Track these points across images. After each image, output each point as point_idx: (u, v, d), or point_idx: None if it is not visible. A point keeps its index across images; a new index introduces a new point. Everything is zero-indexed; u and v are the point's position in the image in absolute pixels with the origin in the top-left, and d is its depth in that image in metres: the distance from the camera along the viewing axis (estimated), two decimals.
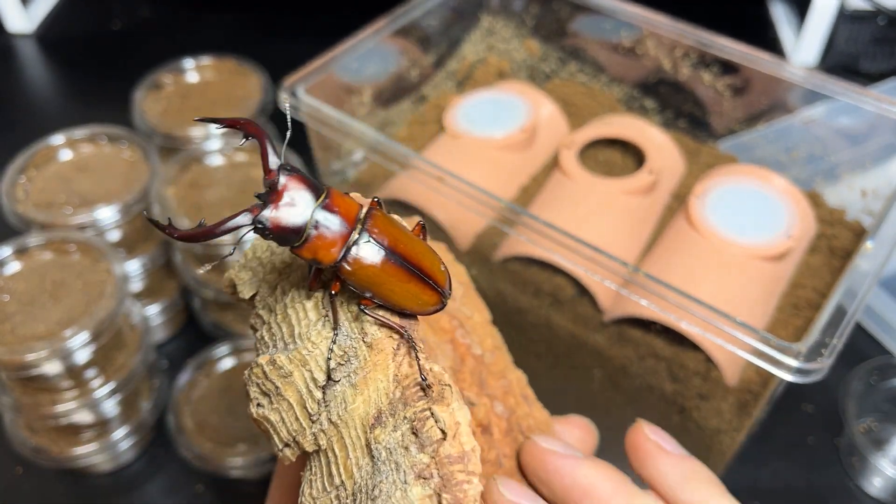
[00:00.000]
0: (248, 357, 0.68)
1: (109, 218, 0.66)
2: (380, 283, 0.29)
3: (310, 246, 0.28)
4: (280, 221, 0.27)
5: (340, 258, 0.28)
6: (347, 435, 0.30)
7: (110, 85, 1.02)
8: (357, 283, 0.29)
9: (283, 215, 0.27)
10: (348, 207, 0.29)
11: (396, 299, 0.29)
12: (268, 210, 0.27)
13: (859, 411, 0.63)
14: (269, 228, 0.27)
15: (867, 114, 0.60)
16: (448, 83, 0.75)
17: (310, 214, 0.27)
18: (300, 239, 0.28)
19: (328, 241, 0.28)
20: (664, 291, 0.45)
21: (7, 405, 0.60)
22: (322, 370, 0.30)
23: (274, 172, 0.27)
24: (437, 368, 0.30)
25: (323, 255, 0.28)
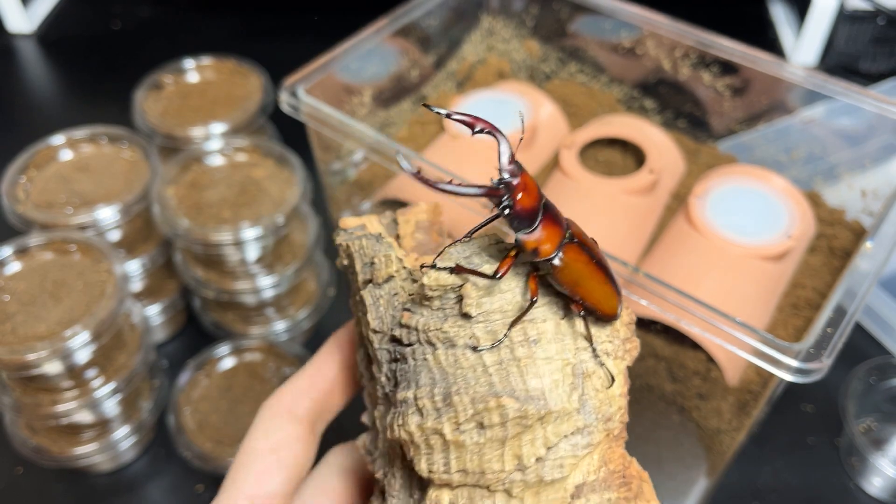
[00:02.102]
0: (249, 357, 0.68)
1: (110, 218, 0.66)
2: (585, 279, 0.31)
3: (538, 234, 0.30)
4: (526, 202, 0.29)
5: (555, 253, 0.30)
6: (547, 498, 0.31)
7: (110, 85, 1.02)
8: (567, 278, 0.31)
9: (525, 203, 0.29)
10: (559, 212, 0.31)
11: (597, 297, 0.31)
12: (512, 195, 0.29)
13: (859, 411, 0.63)
14: (517, 204, 0.29)
15: (867, 114, 0.60)
16: (448, 83, 0.75)
17: (540, 208, 0.30)
18: (533, 226, 0.29)
19: (551, 233, 0.30)
20: (664, 291, 0.45)
21: (7, 405, 0.60)
22: (558, 435, 0.31)
23: (510, 168, 0.30)
24: (637, 465, 0.32)
25: (545, 245, 0.30)
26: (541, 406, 0.30)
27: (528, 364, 0.31)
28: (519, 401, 0.30)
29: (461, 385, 0.31)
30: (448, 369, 0.32)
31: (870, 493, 0.62)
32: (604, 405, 0.32)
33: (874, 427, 0.63)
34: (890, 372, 0.66)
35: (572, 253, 0.31)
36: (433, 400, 0.32)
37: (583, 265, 0.31)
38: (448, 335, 0.32)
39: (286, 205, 0.66)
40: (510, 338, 0.32)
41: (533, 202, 0.30)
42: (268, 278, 0.68)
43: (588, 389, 0.32)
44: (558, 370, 0.31)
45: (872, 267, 0.47)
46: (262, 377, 0.67)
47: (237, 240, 0.64)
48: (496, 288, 0.32)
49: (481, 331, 0.32)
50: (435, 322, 0.33)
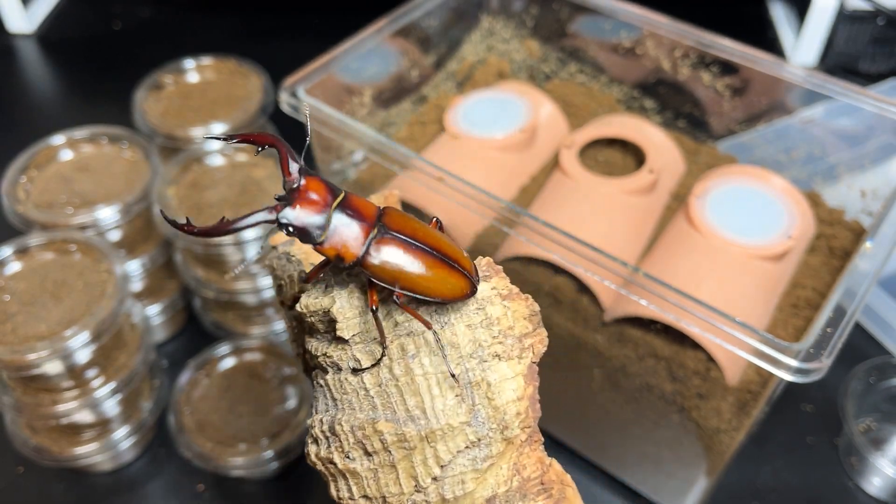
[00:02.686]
0: (249, 357, 0.68)
1: (110, 218, 0.66)
2: (408, 270, 0.29)
3: (333, 242, 0.29)
4: (303, 218, 0.28)
5: (363, 252, 0.29)
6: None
7: (111, 85, 1.02)
8: (385, 275, 0.29)
9: (305, 212, 0.28)
10: (366, 206, 0.30)
11: (427, 284, 0.30)
12: (290, 208, 0.28)
13: (858, 411, 0.63)
14: (293, 224, 0.28)
15: (866, 114, 0.60)
16: (448, 84, 0.75)
17: (330, 212, 0.29)
18: (322, 235, 0.29)
19: (350, 236, 0.29)
20: (664, 291, 0.45)
21: (8, 405, 0.60)
22: (451, 452, 0.30)
23: (294, 175, 0.29)
24: (558, 466, 0.31)
25: (345, 250, 0.29)
26: (421, 426, 0.29)
27: (406, 383, 0.30)
28: (398, 423, 0.29)
29: (346, 411, 0.31)
30: (336, 395, 0.31)
31: (869, 493, 0.62)
32: (498, 413, 0.30)
33: (873, 427, 0.63)
34: (889, 372, 0.66)
35: (384, 247, 0.29)
36: (322, 429, 0.31)
37: (399, 258, 0.30)
38: (332, 359, 0.31)
39: None
40: (389, 356, 0.30)
41: (317, 208, 0.28)
42: (268, 278, 0.68)
43: (479, 399, 0.30)
44: (438, 384, 0.30)
45: (872, 267, 0.47)
46: (262, 377, 0.67)
47: (237, 240, 0.64)
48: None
49: (361, 352, 0.31)
50: (321, 346, 0.32)
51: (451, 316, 0.31)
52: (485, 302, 0.31)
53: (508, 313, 0.31)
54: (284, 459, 0.62)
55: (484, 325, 0.31)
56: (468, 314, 0.31)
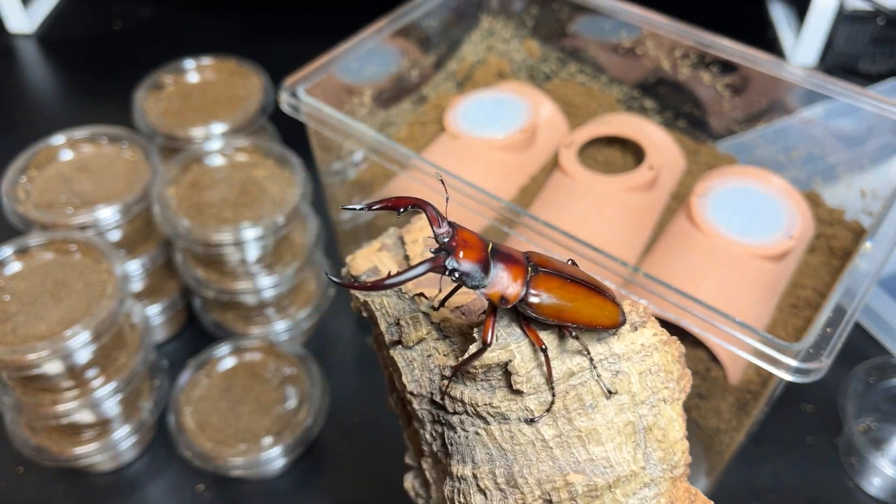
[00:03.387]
0: (249, 357, 0.68)
1: (110, 218, 0.66)
2: (569, 302, 0.31)
3: (496, 284, 0.30)
4: (469, 262, 0.30)
5: (525, 291, 0.30)
6: None
7: (111, 85, 1.02)
8: (548, 310, 0.30)
9: (468, 260, 0.30)
10: (512, 250, 0.31)
11: (589, 313, 0.31)
12: (454, 258, 0.30)
13: (858, 411, 0.63)
14: (460, 269, 0.29)
15: (866, 114, 0.60)
16: (448, 84, 0.75)
17: (488, 256, 0.30)
18: (486, 278, 0.30)
19: (510, 277, 0.30)
20: (664, 291, 0.45)
21: (8, 405, 0.60)
22: (628, 495, 0.31)
23: (445, 229, 0.30)
24: (702, 495, 0.32)
25: (510, 290, 0.30)
26: (608, 475, 0.30)
27: (590, 433, 0.31)
28: (585, 474, 0.30)
29: (523, 464, 0.31)
30: (505, 445, 0.31)
31: (869, 493, 0.62)
32: (668, 455, 0.31)
33: (873, 427, 0.64)
34: (889, 372, 0.66)
35: (542, 284, 0.31)
36: (496, 481, 0.31)
37: (558, 291, 0.31)
38: (499, 410, 0.31)
39: (286, 205, 0.66)
40: (566, 407, 0.31)
41: (477, 255, 0.30)
42: (268, 278, 0.68)
43: (651, 443, 0.31)
44: (619, 432, 0.31)
45: (872, 267, 0.47)
46: (262, 377, 0.67)
47: (237, 240, 0.64)
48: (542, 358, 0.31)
49: (534, 402, 0.31)
50: (482, 396, 0.32)
51: (622, 364, 0.31)
52: (651, 349, 0.32)
53: (668, 357, 0.33)
54: (284, 459, 0.62)
55: (653, 371, 0.32)
56: (637, 361, 0.32)
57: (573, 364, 0.31)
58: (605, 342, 0.32)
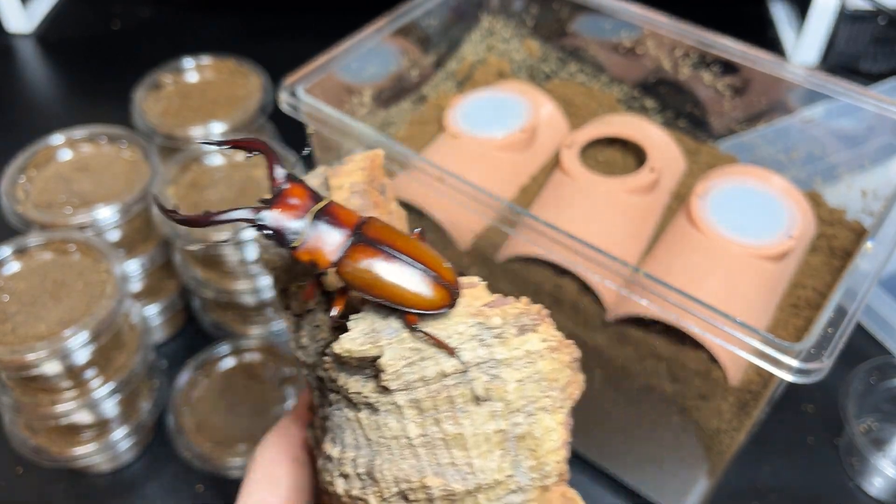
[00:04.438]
0: (248, 357, 0.68)
1: (109, 218, 0.66)
2: (382, 278, 0.29)
3: (308, 248, 0.29)
4: (281, 221, 0.28)
5: (338, 259, 0.29)
6: None
7: (110, 85, 1.02)
8: (359, 282, 0.29)
9: (284, 216, 0.28)
10: (347, 214, 0.30)
11: (402, 293, 0.29)
12: (269, 210, 0.28)
13: (859, 411, 0.63)
14: (270, 227, 0.28)
15: (867, 114, 0.60)
16: (448, 83, 0.75)
17: (309, 218, 0.29)
18: (298, 240, 0.29)
19: (324, 243, 0.29)
20: (665, 291, 0.45)
21: (7, 405, 0.60)
22: (491, 501, 0.30)
23: (279, 180, 0.29)
24: (579, 499, 0.31)
25: (319, 256, 0.29)
26: (469, 482, 0.29)
27: (456, 437, 0.29)
28: (445, 478, 0.29)
29: (385, 458, 0.30)
30: (371, 435, 0.30)
31: (870, 494, 0.62)
32: (540, 464, 0.30)
33: (874, 427, 0.63)
34: (890, 372, 0.66)
35: (359, 254, 0.29)
36: (357, 470, 0.31)
37: (372, 264, 0.29)
38: (369, 400, 0.30)
39: None
40: (436, 407, 0.29)
41: (295, 212, 0.29)
42: (268, 278, 0.68)
43: (522, 451, 0.30)
44: (487, 440, 0.29)
45: (873, 267, 0.47)
46: (261, 377, 0.67)
47: (237, 240, 0.64)
48: (420, 355, 0.29)
49: (403, 399, 0.30)
50: (354, 384, 0.30)
51: (501, 370, 0.30)
52: (535, 356, 0.30)
53: (555, 364, 0.31)
54: None
55: (534, 379, 0.30)
56: (519, 368, 0.30)
57: (448, 365, 0.29)
58: (487, 346, 0.30)
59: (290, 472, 0.38)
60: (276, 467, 0.38)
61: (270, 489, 0.38)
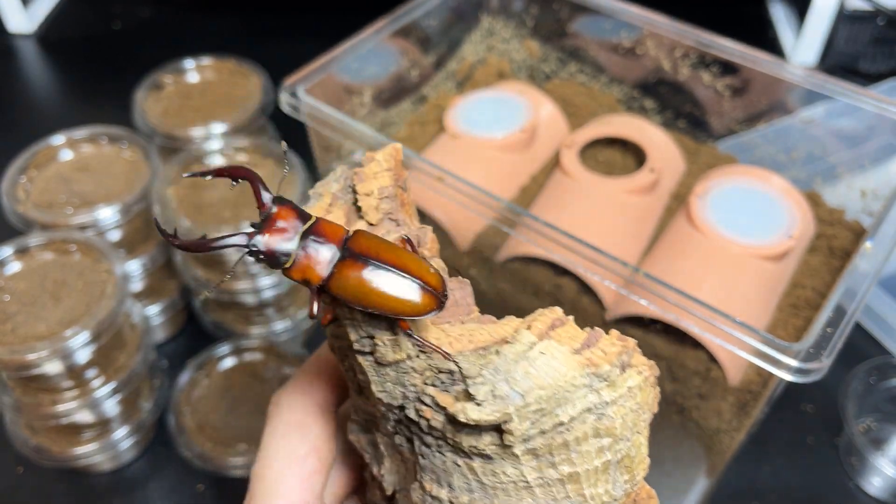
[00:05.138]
0: (249, 357, 0.68)
1: (110, 218, 0.66)
2: (368, 288, 0.30)
3: (298, 267, 0.30)
4: (272, 245, 0.30)
5: (327, 275, 0.30)
6: None
7: (110, 85, 1.02)
8: (348, 294, 0.30)
9: (274, 239, 0.30)
10: (334, 231, 0.31)
11: (388, 303, 0.30)
12: (260, 235, 0.30)
13: (859, 411, 0.63)
14: (262, 252, 0.30)
15: (866, 114, 0.60)
16: (448, 83, 0.75)
17: (298, 238, 0.30)
18: (290, 261, 0.30)
19: (314, 261, 0.30)
20: (665, 291, 0.45)
21: (8, 405, 0.60)
22: None
23: (267, 205, 0.30)
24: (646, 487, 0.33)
25: (310, 273, 0.30)
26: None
27: (571, 476, 0.30)
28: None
29: (502, 499, 0.31)
30: (486, 480, 0.31)
31: (869, 493, 0.62)
32: (633, 475, 0.32)
33: (874, 427, 0.63)
34: (890, 372, 0.66)
35: (346, 268, 0.30)
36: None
37: (362, 276, 0.30)
38: (485, 452, 0.31)
39: None
40: (551, 452, 0.30)
41: (284, 234, 0.30)
42: (268, 278, 0.68)
43: (620, 469, 0.31)
44: (596, 471, 0.31)
45: (872, 267, 0.47)
46: (262, 377, 0.67)
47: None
48: (542, 412, 0.30)
49: (521, 449, 0.30)
50: (468, 439, 0.31)
51: (608, 409, 0.31)
52: (636, 390, 0.31)
53: (649, 390, 0.32)
54: None
55: (635, 409, 0.31)
56: (623, 404, 0.31)
57: (565, 414, 0.30)
58: (597, 391, 0.30)
59: (318, 420, 0.37)
60: (304, 416, 0.37)
61: (300, 438, 0.36)
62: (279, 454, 0.37)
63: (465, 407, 0.29)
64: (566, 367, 0.30)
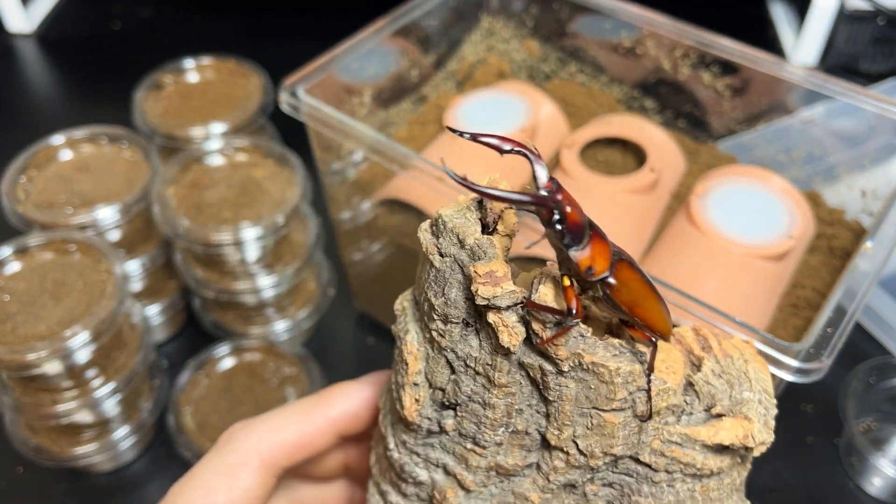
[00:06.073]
0: (249, 357, 0.68)
1: (110, 218, 0.66)
2: (644, 297, 0.29)
3: (592, 249, 0.27)
4: (575, 215, 0.27)
5: (609, 271, 0.28)
6: None
7: (110, 85, 1.02)
8: (624, 297, 0.28)
9: (576, 211, 0.27)
10: (601, 230, 0.29)
11: (656, 316, 0.29)
12: (561, 206, 0.27)
13: (859, 411, 0.63)
14: (565, 216, 0.27)
15: (867, 114, 0.60)
16: (448, 83, 0.75)
17: (586, 223, 0.27)
18: (584, 240, 0.27)
19: (603, 248, 0.28)
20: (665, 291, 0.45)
21: (8, 405, 0.60)
22: None
23: (550, 185, 0.27)
24: None
25: (600, 261, 0.28)
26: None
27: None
28: None
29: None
30: (713, 495, 0.34)
31: (869, 493, 0.62)
32: None
33: (874, 427, 0.63)
34: (890, 372, 0.66)
35: (625, 270, 0.29)
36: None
37: (637, 283, 0.29)
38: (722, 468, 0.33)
39: (286, 205, 0.66)
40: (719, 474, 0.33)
41: (581, 215, 0.27)
42: (268, 278, 0.68)
43: None
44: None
45: (872, 267, 0.47)
46: (262, 377, 0.67)
47: (237, 240, 0.64)
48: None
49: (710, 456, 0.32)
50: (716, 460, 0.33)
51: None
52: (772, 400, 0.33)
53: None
54: None
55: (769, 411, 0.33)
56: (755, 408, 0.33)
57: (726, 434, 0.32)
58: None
59: (255, 476, 0.35)
60: (243, 463, 0.35)
61: (226, 485, 0.34)
62: (197, 490, 0.33)
63: (751, 433, 0.31)
64: (768, 376, 0.33)
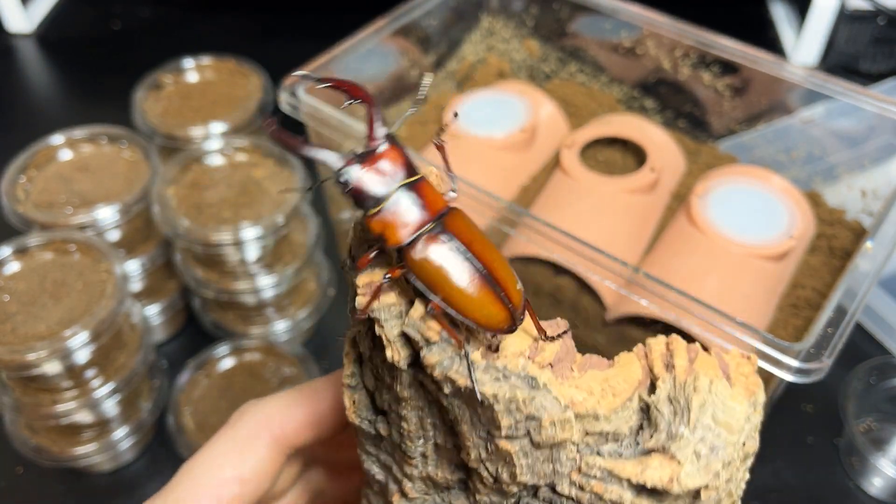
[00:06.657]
0: (249, 357, 0.68)
1: (109, 218, 0.66)
2: (447, 281, 0.26)
3: (382, 218, 0.26)
4: (364, 183, 0.26)
5: (408, 242, 0.26)
6: None
7: (110, 85, 1.02)
8: (423, 277, 0.27)
9: (370, 178, 0.26)
10: (435, 199, 0.27)
11: (463, 304, 0.27)
12: (357, 167, 0.26)
13: (859, 411, 0.63)
14: (351, 185, 0.26)
15: (867, 114, 0.60)
16: (448, 83, 0.75)
17: (394, 188, 0.26)
18: (376, 208, 0.26)
19: (401, 220, 0.26)
20: (665, 291, 0.45)
21: (7, 405, 0.60)
22: None
23: (378, 140, 0.27)
24: None
25: (391, 232, 0.26)
26: None
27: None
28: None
29: None
30: None
31: (870, 493, 0.62)
32: None
33: (874, 427, 0.63)
34: (890, 372, 0.66)
35: (435, 246, 0.26)
36: None
37: (449, 263, 0.26)
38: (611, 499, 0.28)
39: (286, 205, 0.66)
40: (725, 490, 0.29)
41: (383, 177, 0.26)
42: (268, 278, 0.68)
43: None
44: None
45: (872, 267, 0.47)
46: (262, 377, 0.67)
47: (237, 240, 0.64)
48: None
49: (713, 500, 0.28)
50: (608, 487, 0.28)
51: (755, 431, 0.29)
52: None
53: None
54: None
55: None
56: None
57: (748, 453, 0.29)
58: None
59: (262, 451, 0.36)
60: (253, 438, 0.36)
61: (235, 459, 0.34)
62: (206, 464, 0.34)
63: (677, 477, 0.26)
64: (740, 404, 0.27)
